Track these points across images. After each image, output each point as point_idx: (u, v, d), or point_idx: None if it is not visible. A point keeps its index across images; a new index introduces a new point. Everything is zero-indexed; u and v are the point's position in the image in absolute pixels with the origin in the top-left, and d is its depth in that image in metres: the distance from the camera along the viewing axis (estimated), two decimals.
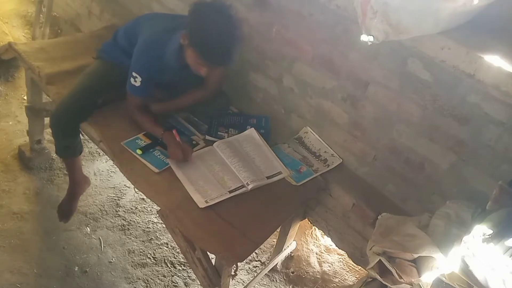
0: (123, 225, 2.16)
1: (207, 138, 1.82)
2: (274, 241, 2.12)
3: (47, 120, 2.06)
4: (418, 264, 1.21)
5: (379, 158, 1.68)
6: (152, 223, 2.20)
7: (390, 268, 1.19)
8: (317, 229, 2.14)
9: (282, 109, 1.96)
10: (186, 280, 1.99)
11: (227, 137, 1.83)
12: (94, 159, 2.42)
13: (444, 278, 1.17)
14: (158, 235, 2.15)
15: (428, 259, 1.18)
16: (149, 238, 2.13)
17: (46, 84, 1.90)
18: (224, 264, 1.47)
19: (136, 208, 2.25)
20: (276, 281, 2.08)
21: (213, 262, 1.54)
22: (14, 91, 2.69)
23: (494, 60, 1.17)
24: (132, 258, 2.03)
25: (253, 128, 1.86)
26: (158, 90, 1.83)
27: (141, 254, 2.06)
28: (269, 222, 1.54)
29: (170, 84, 1.83)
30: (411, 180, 1.61)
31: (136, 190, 2.31)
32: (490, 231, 1.08)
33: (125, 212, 2.22)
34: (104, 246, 2.05)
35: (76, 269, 1.93)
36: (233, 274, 1.56)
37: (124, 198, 2.28)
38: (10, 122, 2.50)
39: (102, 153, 2.38)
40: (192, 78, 1.71)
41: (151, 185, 1.57)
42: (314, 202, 1.83)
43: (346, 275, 2.15)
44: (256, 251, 2.13)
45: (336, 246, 1.90)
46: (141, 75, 1.66)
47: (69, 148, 1.85)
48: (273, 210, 1.58)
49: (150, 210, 2.26)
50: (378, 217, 1.46)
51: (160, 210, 1.52)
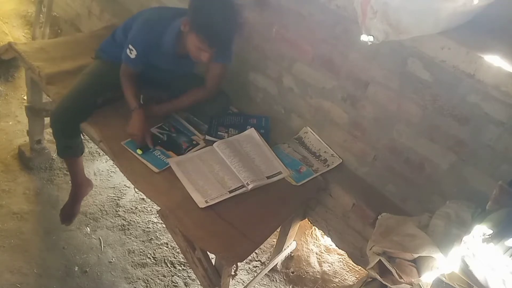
0: (123, 225, 2.16)
1: (207, 138, 1.82)
2: (274, 241, 2.12)
3: (47, 120, 2.07)
4: (418, 264, 1.21)
5: (379, 158, 1.68)
6: (152, 223, 2.20)
7: (390, 268, 1.19)
8: (317, 229, 2.14)
9: (282, 109, 1.96)
10: (186, 280, 1.99)
11: (227, 137, 1.83)
12: (94, 159, 2.42)
13: (444, 278, 1.17)
14: (158, 235, 2.15)
15: (428, 259, 1.18)
16: (149, 238, 2.13)
17: (46, 84, 1.90)
18: (224, 264, 1.47)
19: (136, 208, 2.25)
20: (276, 281, 2.08)
21: (213, 262, 1.54)
22: (14, 91, 2.69)
23: (494, 60, 1.17)
24: (132, 258, 2.03)
25: (253, 128, 1.86)
26: (157, 90, 1.83)
27: (141, 254, 2.06)
28: (269, 222, 1.54)
29: (168, 78, 1.83)
30: (411, 180, 1.61)
31: (136, 190, 2.31)
32: (490, 231, 1.08)
33: (125, 212, 2.22)
34: (104, 246, 2.05)
35: (76, 269, 1.93)
36: (233, 274, 1.56)
37: (124, 198, 2.28)
38: (10, 122, 2.50)
39: (102, 153, 2.38)
40: (187, 68, 1.72)
41: (151, 185, 1.57)
42: (314, 202, 1.83)
43: (346, 275, 2.15)
44: (256, 251, 2.13)
45: (336, 246, 1.90)
46: (136, 49, 1.69)
47: (70, 148, 1.85)
48: (273, 210, 1.58)
49: (150, 210, 2.26)
50: (378, 217, 1.46)
51: (160, 210, 1.52)
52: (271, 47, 1.86)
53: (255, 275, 2.02)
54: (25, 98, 2.59)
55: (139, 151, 1.66)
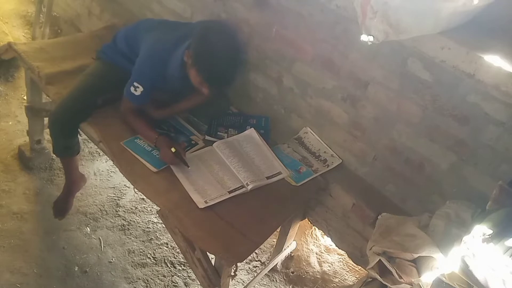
0: (123, 225, 2.16)
1: (207, 138, 1.82)
2: (274, 241, 2.12)
3: (47, 120, 2.06)
4: (418, 264, 1.21)
5: (379, 158, 1.68)
6: (152, 223, 2.20)
7: (390, 268, 1.19)
8: (317, 229, 2.14)
9: (282, 109, 1.96)
10: (186, 280, 1.99)
11: (227, 137, 1.83)
12: (94, 159, 2.42)
13: (444, 278, 1.17)
14: (158, 235, 2.15)
15: (428, 259, 1.18)
16: (149, 238, 2.13)
17: (46, 84, 1.90)
18: (224, 264, 1.47)
19: (136, 208, 2.25)
20: (276, 281, 2.08)
21: (213, 262, 1.54)
22: (14, 91, 2.69)
23: (494, 60, 1.17)
24: (132, 258, 2.03)
25: (253, 128, 1.86)
26: (159, 93, 1.82)
27: (141, 254, 2.06)
28: (269, 222, 1.54)
29: (171, 90, 1.83)
30: (411, 180, 1.60)
31: (135, 190, 2.31)
32: (490, 231, 1.07)
33: (125, 212, 2.22)
34: (104, 246, 2.05)
35: (76, 269, 1.93)
36: (233, 274, 1.57)
37: (124, 198, 2.28)
38: (10, 122, 2.50)
39: (102, 153, 2.38)
40: (194, 86, 1.71)
41: (151, 185, 1.57)
42: (314, 202, 1.83)
43: (346, 275, 2.15)
44: (256, 251, 2.13)
45: (336, 246, 1.89)
46: (143, 86, 1.67)
47: (68, 148, 1.85)
48: (273, 210, 1.58)
49: (150, 210, 2.26)
50: (378, 217, 1.46)
51: (160, 210, 1.52)
52: (271, 47, 1.86)
53: (255, 275, 2.02)
54: (25, 98, 2.59)
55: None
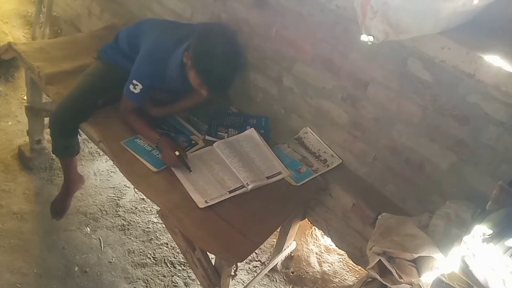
0: (123, 225, 2.16)
1: (207, 138, 1.82)
2: (274, 241, 2.12)
3: (47, 120, 2.07)
4: (418, 264, 1.21)
5: (379, 158, 1.68)
6: (152, 223, 2.20)
7: (390, 268, 1.19)
8: (317, 229, 2.14)
9: (282, 109, 1.96)
10: (186, 280, 1.99)
11: (227, 137, 1.83)
12: (94, 159, 2.42)
13: (444, 278, 1.17)
14: (158, 235, 2.15)
15: (428, 259, 1.18)
16: (149, 238, 2.13)
17: (46, 84, 1.90)
18: (224, 264, 1.47)
19: (136, 208, 2.25)
20: (276, 281, 2.08)
21: (213, 262, 1.54)
22: (14, 91, 2.69)
23: (494, 60, 1.17)
24: (132, 258, 2.03)
25: (253, 128, 1.86)
26: (159, 91, 1.82)
27: (141, 254, 2.06)
28: (269, 222, 1.54)
29: (171, 90, 1.83)
30: (411, 180, 1.60)
31: (136, 190, 2.31)
32: (490, 231, 1.07)
33: (125, 212, 2.22)
34: (104, 246, 2.05)
35: (76, 269, 1.93)
36: (233, 274, 1.56)
37: (124, 198, 2.28)
38: (10, 122, 2.50)
39: (102, 153, 2.38)
40: (192, 86, 1.71)
41: (151, 185, 1.57)
42: (314, 202, 1.83)
43: (346, 275, 2.15)
44: (256, 251, 2.13)
45: (336, 246, 1.89)
46: (142, 83, 1.66)
47: (67, 148, 1.85)
48: (273, 210, 1.58)
49: (150, 210, 2.26)
50: (378, 217, 1.46)
51: (160, 210, 1.52)
52: (271, 47, 1.86)
53: (255, 275, 2.02)
54: (25, 98, 2.59)
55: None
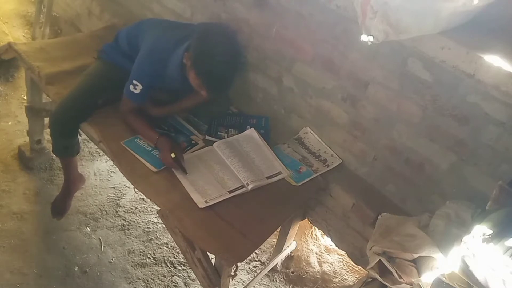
0: (123, 225, 2.16)
1: (207, 138, 1.82)
2: (274, 241, 2.12)
3: (47, 120, 2.06)
4: (418, 264, 1.21)
5: (379, 158, 1.68)
6: (152, 223, 2.20)
7: (390, 268, 1.19)
8: (317, 229, 2.14)
9: (282, 109, 1.96)
10: (186, 280, 1.99)
11: (227, 137, 1.83)
12: (94, 159, 2.42)
13: (444, 278, 1.17)
14: (158, 235, 2.15)
15: (428, 259, 1.18)
16: (149, 238, 2.13)
17: (46, 84, 1.90)
18: (224, 264, 1.47)
19: (136, 208, 2.25)
20: (276, 281, 2.08)
21: (213, 262, 1.54)
22: (14, 91, 2.69)
23: (494, 60, 1.17)
24: (132, 258, 2.03)
25: (253, 128, 1.86)
26: (159, 92, 1.82)
27: (141, 254, 2.06)
28: (269, 222, 1.54)
29: (171, 90, 1.83)
30: (411, 180, 1.60)
31: (136, 190, 2.31)
32: (490, 231, 1.07)
33: (125, 212, 2.22)
34: (104, 246, 2.05)
35: (76, 269, 1.93)
36: (233, 274, 1.56)
37: (124, 198, 2.28)
38: (10, 122, 2.50)
39: (102, 153, 2.38)
40: (192, 86, 1.71)
41: (151, 185, 1.57)
42: (314, 202, 1.83)
43: (346, 275, 2.15)
44: (256, 251, 2.13)
45: (336, 246, 1.89)
46: (142, 84, 1.66)
47: (68, 148, 1.85)
48: (273, 210, 1.58)
49: (150, 210, 2.26)
50: (378, 217, 1.46)
51: (160, 210, 1.51)
52: (271, 47, 1.86)
53: (255, 275, 2.02)
54: (25, 98, 2.58)
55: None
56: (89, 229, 2.10)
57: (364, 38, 1.23)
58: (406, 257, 1.20)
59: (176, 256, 2.08)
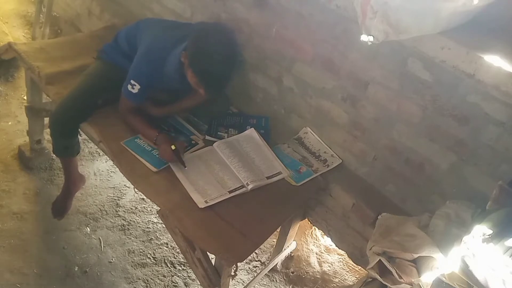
0: (123, 225, 2.16)
1: (207, 138, 1.82)
2: (274, 241, 2.12)
3: (47, 120, 2.06)
4: (418, 264, 1.21)
5: (379, 158, 1.68)
6: (152, 223, 2.20)
7: (390, 268, 1.19)
8: (317, 229, 2.14)
9: (282, 109, 1.96)
10: (186, 280, 1.99)
11: (227, 137, 1.83)
12: (94, 159, 2.42)
13: (444, 278, 1.17)
14: (158, 235, 2.15)
15: (428, 259, 1.18)
16: (149, 238, 2.13)
17: (46, 84, 1.90)
18: (224, 264, 1.47)
19: (136, 208, 2.25)
20: (276, 281, 2.08)
21: (213, 262, 1.54)
22: (14, 91, 2.69)
23: (494, 60, 1.17)
24: (132, 258, 2.03)
25: (253, 128, 1.86)
26: (157, 92, 1.82)
27: (141, 254, 2.06)
28: (269, 222, 1.54)
29: (169, 90, 1.83)
30: (411, 180, 1.60)
31: (136, 190, 2.31)
32: (490, 231, 1.08)
33: (125, 212, 2.22)
34: (104, 246, 2.05)
35: (76, 269, 1.93)
36: (233, 274, 1.56)
37: (124, 198, 2.28)
38: (10, 122, 2.50)
39: (102, 153, 2.38)
40: (189, 84, 1.70)
41: (151, 185, 1.57)
42: (314, 202, 1.83)
43: (346, 275, 2.15)
44: (256, 251, 2.13)
45: (336, 246, 1.89)
46: (140, 84, 1.66)
47: (68, 148, 1.85)
48: (273, 210, 1.58)
49: (150, 210, 2.26)
50: (378, 217, 1.46)
51: (160, 210, 1.52)
52: (271, 47, 1.86)
53: (255, 275, 2.02)
54: (25, 98, 2.58)
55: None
56: (89, 229, 2.10)
57: (364, 38, 1.23)
58: (406, 257, 1.20)
59: (176, 256, 2.08)
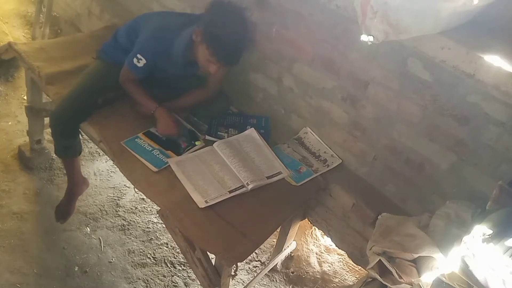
0: (123, 225, 2.16)
1: (207, 138, 1.82)
2: (274, 241, 2.12)
3: (47, 120, 2.06)
4: (418, 264, 1.21)
5: (379, 158, 1.68)
6: (152, 223, 2.20)
7: (390, 268, 1.19)
8: (317, 229, 2.14)
9: (282, 109, 1.96)
10: (186, 280, 1.99)
11: (227, 137, 1.83)
12: (94, 159, 2.42)
13: (444, 278, 1.17)
14: (158, 235, 2.15)
15: (428, 259, 1.18)
16: (149, 238, 2.13)
17: (46, 84, 1.90)
18: (224, 264, 1.47)
19: (136, 208, 2.25)
20: (276, 281, 2.08)
21: (213, 262, 1.54)
22: (14, 91, 2.69)
23: (494, 60, 1.17)
24: (132, 258, 2.03)
25: (253, 128, 1.86)
26: (158, 91, 1.83)
27: (141, 254, 2.06)
28: (269, 222, 1.54)
29: (170, 80, 1.83)
30: (411, 180, 1.60)
31: (136, 190, 2.31)
32: (490, 231, 1.08)
33: (125, 212, 2.22)
34: (104, 246, 2.05)
35: (76, 269, 1.93)
36: (233, 274, 1.56)
37: (124, 198, 2.28)
38: (10, 122, 2.50)
39: (102, 153, 2.38)
40: (194, 77, 1.71)
41: (151, 185, 1.57)
42: (314, 202, 1.83)
43: (346, 275, 2.15)
44: (256, 251, 2.13)
45: (336, 246, 1.90)
46: (146, 59, 1.67)
47: (69, 148, 1.85)
48: (273, 210, 1.58)
49: (150, 210, 2.26)
50: (378, 217, 1.46)
51: (160, 210, 1.52)
52: (271, 47, 1.86)
53: (255, 275, 2.02)
54: (25, 98, 2.58)
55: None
56: (89, 229, 2.10)
57: (364, 38, 1.24)
58: (406, 257, 1.20)
59: (176, 256, 2.08)
